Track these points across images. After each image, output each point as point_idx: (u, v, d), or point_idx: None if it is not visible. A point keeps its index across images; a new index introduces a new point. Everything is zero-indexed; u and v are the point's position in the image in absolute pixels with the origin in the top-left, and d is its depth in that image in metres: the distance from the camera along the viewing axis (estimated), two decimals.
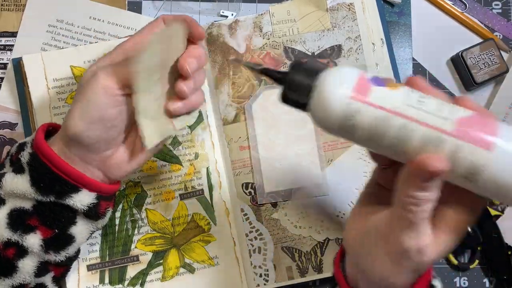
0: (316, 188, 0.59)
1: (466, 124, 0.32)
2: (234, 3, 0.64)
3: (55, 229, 0.47)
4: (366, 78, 0.34)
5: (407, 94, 0.33)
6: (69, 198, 0.46)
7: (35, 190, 0.46)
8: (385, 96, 0.33)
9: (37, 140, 0.46)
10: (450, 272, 0.62)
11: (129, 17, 0.63)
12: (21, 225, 0.46)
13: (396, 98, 0.33)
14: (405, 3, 0.64)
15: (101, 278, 0.57)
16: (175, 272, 0.58)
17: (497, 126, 0.32)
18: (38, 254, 0.47)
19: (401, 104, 0.33)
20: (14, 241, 0.46)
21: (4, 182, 0.46)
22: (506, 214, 0.61)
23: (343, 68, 0.35)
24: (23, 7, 0.62)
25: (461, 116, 0.32)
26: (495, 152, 0.31)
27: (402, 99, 0.33)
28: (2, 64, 0.62)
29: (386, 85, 0.33)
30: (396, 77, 0.61)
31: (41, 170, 0.46)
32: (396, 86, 0.34)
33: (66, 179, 0.46)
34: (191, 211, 0.58)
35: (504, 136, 0.32)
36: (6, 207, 0.47)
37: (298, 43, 0.60)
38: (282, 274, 0.58)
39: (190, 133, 0.59)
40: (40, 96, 0.58)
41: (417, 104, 0.33)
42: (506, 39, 0.64)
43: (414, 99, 0.33)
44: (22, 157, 0.47)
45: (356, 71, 0.35)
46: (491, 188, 0.32)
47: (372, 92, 0.33)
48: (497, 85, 0.63)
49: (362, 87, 0.33)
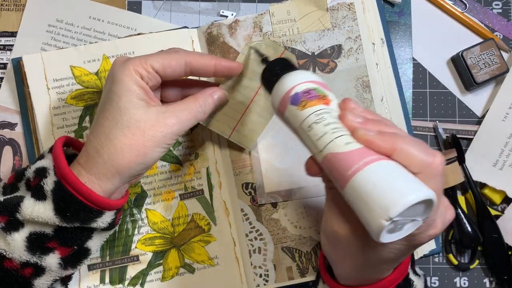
0: (316, 188, 0.59)
1: (329, 161, 0.38)
2: (234, 3, 0.64)
3: (73, 246, 0.47)
4: (289, 95, 0.42)
5: (306, 116, 0.40)
6: (94, 222, 0.46)
7: (60, 219, 0.45)
8: (292, 115, 0.42)
9: (61, 169, 0.45)
10: (450, 272, 0.62)
11: (129, 17, 0.63)
12: (40, 248, 0.46)
13: (297, 119, 0.41)
14: (405, 3, 0.64)
15: (102, 278, 0.57)
16: (175, 272, 0.58)
17: (358, 162, 0.37)
18: (56, 271, 0.47)
19: (297, 124, 0.41)
20: (33, 263, 0.46)
21: (24, 207, 0.45)
22: (506, 214, 0.61)
23: (286, 78, 0.43)
24: (23, 7, 0.62)
25: (330, 152, 0.38)
26: (345, 189, 0.37)
27: (300, 120, 0.41)
28: (2, 64, 0.62)
29: (298, 104, 0.41)
30: (396, 77, 0.61)
31: (68, 199, 0.44)
32: (305, 106, 0.40)
33: (92, 207, 0.45)
34: (191, 211, 0.58)
35: (356, 176, 0.36)
36: (25, 230, 0.46)
37: (298, 43, 0.60)
38: (282, 274, 0.58)
39: (190, 133, 0.59)
40: (40, 96, 0.58)
41: (307, 129, 0.40)
42: (506, 39, 0.64)
43: (308, 124, 0.40)
44: (45, 184, 0.45)
45: (291, 83, 0.42)
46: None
47: (286, 110, 0.42)
48: (497, 85, 0.63)
49: (283, 104, 0.42)
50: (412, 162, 0.37)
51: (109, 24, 0.63)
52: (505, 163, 0.61)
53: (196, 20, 0.64)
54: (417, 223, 0.37)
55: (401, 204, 0.34)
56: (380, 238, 0.35)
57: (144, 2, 0.64)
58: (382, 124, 0.39)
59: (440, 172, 0.38)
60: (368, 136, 0.37)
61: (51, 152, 0.47)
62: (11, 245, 0.45)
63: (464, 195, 0.62)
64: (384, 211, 0.34)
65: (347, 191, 0.37)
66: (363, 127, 0.38)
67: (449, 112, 0.63)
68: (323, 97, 0.41)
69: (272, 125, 0.59)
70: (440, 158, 0.38)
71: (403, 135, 0.39)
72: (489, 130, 0.62)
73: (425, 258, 0.62)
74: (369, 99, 0.60)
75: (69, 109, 0.58)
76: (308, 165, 0.42)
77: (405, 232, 0.37)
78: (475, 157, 0.62)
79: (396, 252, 0.40)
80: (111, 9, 0.63)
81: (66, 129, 0.58)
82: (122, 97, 0.45)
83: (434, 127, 0.63)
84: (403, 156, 0.37)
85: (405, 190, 0.35)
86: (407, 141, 0.37)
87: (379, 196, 0.35)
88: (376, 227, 0.35)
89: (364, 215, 0.36)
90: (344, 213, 0.41)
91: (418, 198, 0.34)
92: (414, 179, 0.36)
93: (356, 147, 0.37)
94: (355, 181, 0.36)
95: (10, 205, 0.45)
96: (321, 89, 0.42)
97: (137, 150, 0.45)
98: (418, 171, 0.37)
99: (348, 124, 0.39)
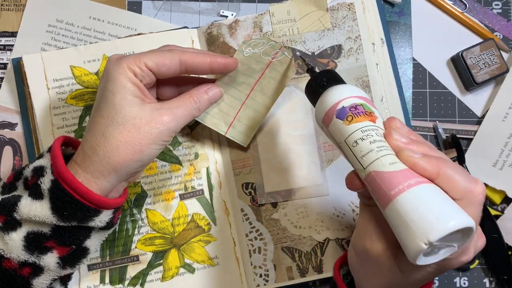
0: (316, 188, 0.59)
1: (373, 179, 0.38)
2: (234, 3, 0.64)
3: (71, 246, 0.47)
4: (336, 109, 0.42)
5: (352, 132, 0.40)
6: (91, 221, 0.46)
7: (57, 218, 0.45)
8: (337, 129, 0.42)
9: (58, 167, 0.45)
10: (450, 272, 0.62)
11: (129, 17, 0.63)
12: (38, 248, 0.46)
13: (342, 133, 0.41)
14: (405, 3, 0.64)
15: (102, 278, 0.57)
16: (175, 272, 0.58)
17: (400, 185, 0.37)
18: (54, 271, 0.47)
19: (342, 139, 0.41)
20: (31, 262, 0.46)
21: (21, 207, 0.45)
22: (506, 214, 0.61)
23: (333, 91, 0.43)
24: (23, 7, 0.62)
25: (374, 170, 0.38)
26: (387, 208, 0.37)
27: (345, 135, 0.41)
28: (2, 64, 0.62)
29: (345, 119, 0.41)
30: (396, 77, 0.61)
31: (65, 198, 0.44)
32: (352, 121, 0.41)
33: (89, 205, 0.45)
34: (191, 211, 0.58)
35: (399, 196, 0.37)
36: (23, 230, 0.46)
37: (298, 43, 0.60)
38: (282, 274, 0.58)
39: (190, 133, 0.59)
40: (40, 96, 0.58)
41: (352, 144, 0.40)
42: (506, 39, 0.64)
43: (354, 139, 0.40)
44: (42, 183, 0.45)
45: (338, 97, 0.42)
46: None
47: (331, 123, 0.42)
48: (497, 85, 0.63)
49: (328, 117, 0.42)
50: (455, 188, 0.37)
51: (109, 24, 0.63)
52: (505, 163, 0.61)
53: (196, 20, 0.64)
54: (453, 249, 0.37)
55: (441, 230, 0.34)
56: (417, 261, 0.36)
57: (144, 2, 0.64)
58: (426, 146, 0.40)
59: (481, 201, 0.38)
60: (414, 158, 0.38)
61: (50, 151, 0.47)
62: (9, 245, 0.45)
63: None
64: (424, 234, 0.34)
65: (389, 210, 0.37)
66: (408, 148, 0.38)
67: (449, 112, 0.63)
68: (370, 113, 0.41)
69: (272, 125, 0.59)
70: (481, 187, 0.38)
71: (447, 159, 0.39)
72: (489, 130, 0.62)
73: None
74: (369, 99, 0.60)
75: (69, 109, 0.58)
76: (350, 179, 0.42)
77: (439, 257, 0.37)
78: (475, 157, 0.62)
79: (425, 275, 0.40)
80: (111, 9, 0.63)
81: (66, 129, 0.58)
82: (117, 95, 0.45)
83: (434, 127, 0.63)
84: (447, 181, 0.37)
85: (447, 216, 0.35)
86: (451, 167, 0.38)
87: (421, 220, 0.35)
88: (414, 250, 0.35)
89: (403, 236, 0.36)
90: (378, 232, 0.41)
91: (459, 225, 0.34)
92: (455, 205, 0.36)
93: (401, 168, 0.38)
94: (397, 202, 0.36)
95: (8, 205, 0.45)
96: (368, 105, 0.42)
97: (133, 147, 0.45)
98: (459, 198, 0.37)
99: (394, 143, 0.39)
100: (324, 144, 0.59)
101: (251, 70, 0.55)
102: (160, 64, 0.47)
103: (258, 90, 0.55)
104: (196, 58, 0.49)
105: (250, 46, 0.55)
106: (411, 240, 0.35)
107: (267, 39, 0.55)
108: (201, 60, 0.49)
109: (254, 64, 0.55)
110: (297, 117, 0.60)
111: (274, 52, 0.55)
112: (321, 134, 0.59)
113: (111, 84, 0.46)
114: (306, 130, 0.59)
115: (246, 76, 0.55)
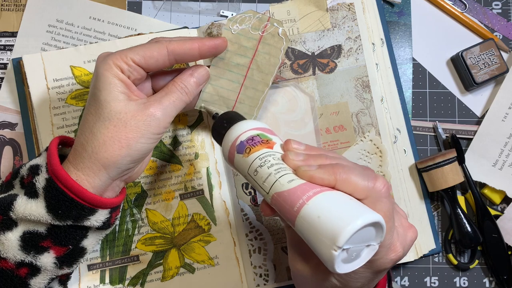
0: None
1: (276, 201, 0.39)
2: (234, 3, 0.64)
3: (68, 246, 0.47)
4: (235, 145, 0.44)
5: (252, 162, 0.42)
6: (86, 220, 0.46)
7: (52, 217, 0.45)
8: (240, 163, 0.43)
9: (53, 165, 0.45)
10: (450, 272, 0.62)
11: (129, 17, 0.63)
12: (34, 247, 0.46)
13: (244, 165, 0.43)
14: (405, 3, 0.64)
15: (102, 278, 0.57)
16: (175, 272, 0.58)
17: (302, 198, 0.38)
18: (51, 271, 0.47)
19: (245, 171, 0.43)
20: (28, 262, 0.46)
21: (17, 206, 0.45)
22: (506, 214, 0.61)
23: (232, 130, 0.45)
24: (23, 7, 0.62)
25: (276, 192, 0.39)
26: (295, 225, 0.38)
27: (247, 166, 0.42)
28: (2, 64, 0.62)
29: (244, 151, 0.43)
30: (396, 77, 0.61)
31: (59, 197, 0.44)
32: (250, 152, 0.42)
33: (84, 204, 0.45)
34: (191, 211, 0.58)
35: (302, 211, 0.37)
36: (19, 229, 0.45)
37: (298, 43, 0.60)
38: (282, 274, 0.58)
39: (190, 133, 0.59)
40: (40, 96, 0.58)
41: (254, 173, 0.42)
42: (506, 39, 0.64)
43: (254, 168, 0.42)
44: (37, 182, 0.45)
45: (236, 134, 0.44)
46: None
47: (235, 159, 0.44)
48: (497, 85, 0.63)
49: (231, 154, 0.44)
50: (355, 189, 0.38)
51: (109, 24, 0.63)
52: (504, 163, 0.61)
53: (196, 20, 0.64)
54: (374, 248, 0.37)
55: (346, 231, 0.34)
56: (336, 269, 0.35)
57: (144, 2, 0.64)
58: (323, 158, 0.41)
59: (385, 194, 0.38)
60: (310, 172, 0.39)
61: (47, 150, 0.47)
62: (5, 245, 0.45)
63: (464, 195, 0.62)
64: (331, 241, 0.34)
65: (297, 227, 0.38)
66: (304, 164, 0.40)
67: (449, 112, 0.64)
68: (267, 141, 0.43)
69: (272, 125, 0.59)
70: (382, 181, 0.38)
71: (344, 164, 0.39)
72: (488, 130, 0.62)
73: (425, 258, 0.62)
74: (369, 99, 0.60)
75: (69, 109, 0.58)
76: (262, 208, 0.43)
77: (363, 260, 0.37)
78: (475, 157, 0.62)
79: (362, 281, 0.40)
80: (111, 9, 0.63)
81: (66, 129, 0.58)
82: (103, 91, 0.45)
83: (434, 127, 0.63)
84: (346, 185, 0.38)
85: (349, 216, 0.35)
86: (347, 170, 0.38)
87: (325, 227, 0.35)
88: (328, 258, 0.35)
89: (316, 248, 0.36)
90: (304, 252, 0.41)
91: (362, 223, 0.34)
92: (358, 205, 0.37)
93: (299, 183, 0.38)
94: (301, 216, 0.37)
95: (4, 204, 0.45)
96: (265, 134, 0.44)
97: (120, 142, 0.45)
98: (363, 197, 0.38)
99: (291, 164, 0.40)
100: (324, 144, 0.59)
101: (244, 49, 0.54)
102: (147, 57, 0.47)
103: (255, 69, 0.55)
104: (183, 45, 0.48)
105: (237, 22, 0.53)
106: (322, 250, 0.35)
107: (253, 12, 0.54)
108: (189, 46, 0.48)
109: (245, 41, 0.54)
110: (297, 117, 0.60)
111: (263, 25, 0.54)
112: (321, 134, 0.59)
113: (98, 81, 0.46)
114: (306, 130, 0.59)
115: (240, 56, 0.54)
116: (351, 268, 0.37)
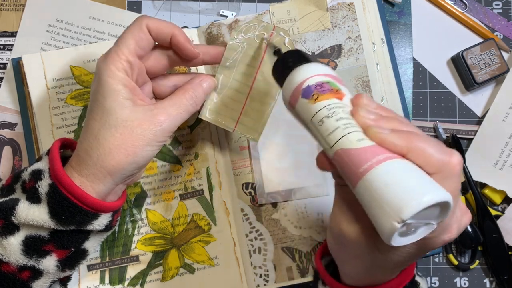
0: (316, 188, 0.59)
1: (340, 157, 0.37)
2: (234, 3, 0.64)
3: (70, 248, 0.47)
4: (301, 88, 0.40)
5: (318, 110, 0.39)
6: (90, 225, 0.46)
7: (55, 222, 0.44)
8: (303, 109, 0.40)
9: (56, 171, 0.44)
10: (450, 272, 0.62)
11: (129, 17, 0.63)
12: (37, 251, 0.45)
13: (308, 112, 0.40)
14: (405, 3, 0.64)
15: (102, 278, 0.57)
16: (175, 272, 0.58)
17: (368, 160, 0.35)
18: (53, 273, 0.47)
19: (308, 118, 0.40)
20: (30, 266, 0.46)
21: (19, 211, 0.44)
22: (506, 214, 0.61)
23: (298, 71, 0.42)
24: (22, 7, 0.62)
25: (341, 148, 0.36)
26: (357, 187, 0.35)
27: (311, 114, 0.39)
28: (1, 64, 0.62)
29: (310, 97, 0.39)
30: (396, 77, 0.61)
31: (63, 203, 0.44)
32: (317, 100, 0.39)
33: (87, 209, 0.45)
34: (191, 211, 0.58)
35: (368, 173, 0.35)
36: (21, 234, 0.45)
37: (298, 43, 0.60)
38: (282, 275, 0.58)
39: (190, 133, 0.59)
40: (40, 96, 0.58)
41: (318, 123, 0.39)
42: (507, 39, 0.64)
43: (319, 118, 0.38)
44: (40, 187, 0.45)
45: (303, 76, 0.41)
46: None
47: (298, 103, 0.41)
48: (497, 85, 0.63)
49: (294, 97, 0.41)
50: (428, 162, 0.35)
51: (109, 24, 0.62)
52: (505, 163, 0.61)
53: (196, 20, 0.64)
54: (431, 227, 0.35)
55: (414, 206, 0.32)
56: (392, 241, 0.33)
57: (144, 2, 0.64)
58: (396, 121, 0.38)
59: (458, 173, 0.36)
60: (382, 135, 0.36)
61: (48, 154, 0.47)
62: (7, 249, 0.45)
63: (464, 195, 0.62)
64: (396, 212, 0.32)
65: (358, 189, 0.35)
66: (376, 125, 0.36)
67: (449, 112, 0.63)
68: (337, 91, 0.39)
69: (272, 125, 0.59)
70: (458, 158, 0.36)
71: (419, 133, 0.37)
72: (489, 130, 0.62)
73: (425, 258, 0.62)
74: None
75: (69, 109, 0.58)
76: (319, 159, 0.40)
77: (418, 236, 0.35)
78: (475, 157, 0.62)
79: (406, 256, 0.39)
80: (111, 9, 0.63)
81: (66, 129, 0.58)
82: (107, 98, 0.45)
83: (434, 127, 0.63)
84: (419, 156, 0.35)
85: (420, 191, 0.32)
86: (422, 140, 0.35)
87: (392, 197, 0.33)
88: (387, 230, 0.33)
89: (375, 216, 0.34)
90: (353, 213, 0.39)
91: (433, 200, 0.32)
92: (429, 179, 0.34)
93: (369, 144, 0.36)
94: (367, 179, 0.34)
95: (5, 209, 0.45)
96: (335, 82, 0.40)
97: (126, 150, 0.44)
98: (434, 172, 0.35)
99: (361, 120, 0.37)
100: None
101: (249, 58, 0.53)
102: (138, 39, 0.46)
103: (261, 80, 0.53)
104: (160, 23, 0.47)
105: (242, 32, 0.52)
106: (383, 219, 0.33)
107: (258, 21, 0.53)
108: (165, 24, 0.48)
109: (250, 51, 0.53)
110: None
111: (269, 34, 0.53)
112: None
113: (101, 88, 0.45)
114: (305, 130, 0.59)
115: (245, 65, 0.53)
116: (404, 242, 0.35)
